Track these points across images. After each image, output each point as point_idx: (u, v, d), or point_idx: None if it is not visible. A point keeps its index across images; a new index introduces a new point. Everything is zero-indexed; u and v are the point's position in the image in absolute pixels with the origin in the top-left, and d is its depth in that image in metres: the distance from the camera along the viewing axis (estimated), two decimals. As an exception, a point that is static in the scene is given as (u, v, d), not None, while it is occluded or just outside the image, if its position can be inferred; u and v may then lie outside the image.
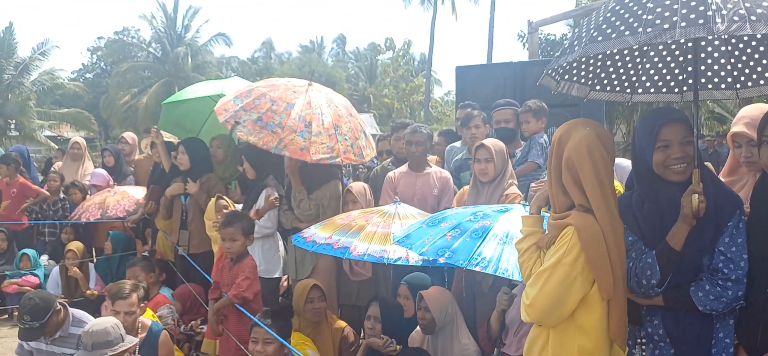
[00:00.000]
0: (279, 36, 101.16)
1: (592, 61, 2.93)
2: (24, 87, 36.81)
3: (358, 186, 5.03)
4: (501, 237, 3.02)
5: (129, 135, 8.85)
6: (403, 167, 5.17)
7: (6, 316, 6.85)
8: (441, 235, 3.14)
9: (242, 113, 4.63)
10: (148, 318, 4.53)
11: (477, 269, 2.86)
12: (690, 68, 2.93)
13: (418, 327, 4.11)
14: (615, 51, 2.84)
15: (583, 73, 2.96)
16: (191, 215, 5.80)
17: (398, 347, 3.77)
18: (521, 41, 22.07)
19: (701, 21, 2.05)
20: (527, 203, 3.36)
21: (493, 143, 4.38)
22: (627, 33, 2.17)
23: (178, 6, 41.17)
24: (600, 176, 2.32)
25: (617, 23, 2.23)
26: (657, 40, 2.11)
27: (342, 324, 4.47)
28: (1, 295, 6.92)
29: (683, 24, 2.07)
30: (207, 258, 5.57)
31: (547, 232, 2.51)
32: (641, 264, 2.47)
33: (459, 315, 4.02)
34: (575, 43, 2.40)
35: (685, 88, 2.99)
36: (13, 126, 36.72)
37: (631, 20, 2.19)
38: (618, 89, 3.05)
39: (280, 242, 5.29)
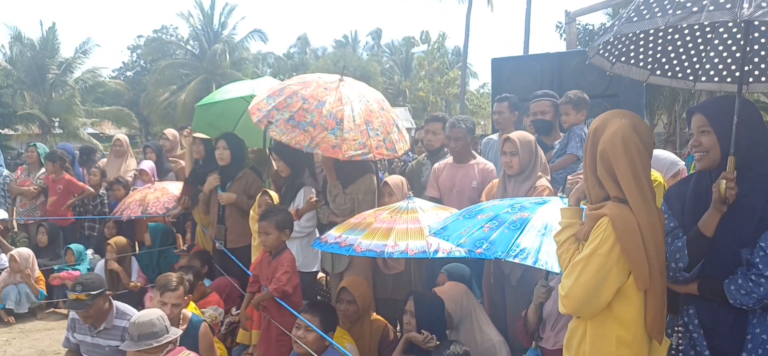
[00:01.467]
0: (314, 31, 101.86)
1: (652, 44, 2.92)
2: (67, 86, 37.90)
3: (394, 179, 5.05)
4: (539, 229, 3.01)
5: (170, 132, 9.05)
6: (449, 158, 5.18)
7: (52, 309, 7.08)
8: (478, 226, 3.15)
9: (275, 112, 4.66)
10: (189, 310, 4.65)
11: (516, 260, 2.86)
12: (755, 59, 2.90)
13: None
14: (676, 36, 2.86)
15: (642, 56, 2.95)
16: (228, 210, 5.92)
17: (437, 342, 3.78)
18: (559, 32, 21.82)
19: (728, 6, 2.09)
20: (565, 196, 3.34)
21: (519, 135, 4.35)
22: (659, 14, 2.24)
23: (214, 3, 41.77)
24: (635, 168, 2.30)
25: (653, 4, 2.29)
26: (685, 22, 2.16)
27: (382, 321, 4.50)
28: (48, 288, 7.14)
29: (711, 7, 2.11)
30: (244, 252, 5.68)
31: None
32: (672, 248, 2.47)
33: (477, 307, 4.03)
34: (615, 23, 2.48)
35: (751, 79, 2.95)
36: (57, 124, 37.87)
37: (665, 2, 2.25)
38: (680, 75, 3.02)
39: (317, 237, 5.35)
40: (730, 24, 2.83)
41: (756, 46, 2.87)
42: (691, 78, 3.02)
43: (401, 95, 46.38)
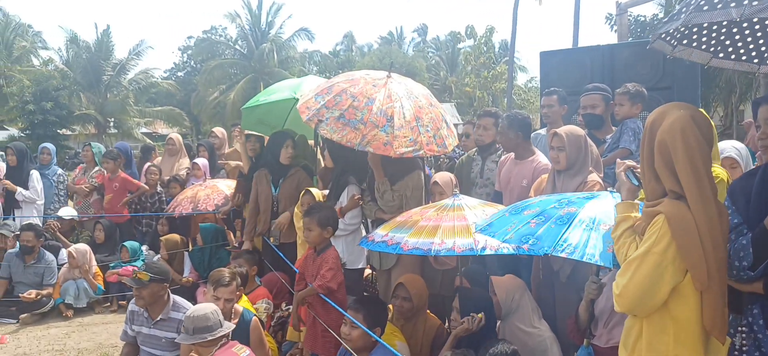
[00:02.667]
0: (359, 28, 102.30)
1: (715, 27, 2.81)
2: (122, 86, 39.11)
3: (443, 177, 5.02)
4: (587, 223, 2.96)
5: (219, 130, 9.26)
6: (513, 153, 5.14)
7: (108, 304, 7.31)
8: (524, 222, 3.11)
9: (324, 110, 4.69)
10: (240, 305, 4.74)
11: (563, 255, 2.82)
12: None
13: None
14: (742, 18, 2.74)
15: (705, 39, 2.85)
16: (282, 206, 6.02)
17: (481, 317, 3.77)
18: (609, 23, 21.27)
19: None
20: (615, 190, 3.27)
21: (567, 130, 4.27)
22: (733, 5, 2.15)
23: (262, 3, 42.40)
24: (694, 161, 2.23)
25: None
26: (761, 14, 2.07)
27: (437, 320, 4.49)
28: (105, 284, 7.36)
29: None
30: (293, 247, 5.76)
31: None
32: (736, 246, 2.38)
33: (529, 302, 3.97)
34: (683, 10, 2.39)
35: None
36: (112, 124, 39.15)
37: None
38: (744, 58, 2.91)
39: (364, 234, 5.37)
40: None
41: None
42: (755, 61, 2.89)
43: (447, 90, 46.15)
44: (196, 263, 7.24)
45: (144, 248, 7.95)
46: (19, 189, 7.96)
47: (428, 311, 4.53)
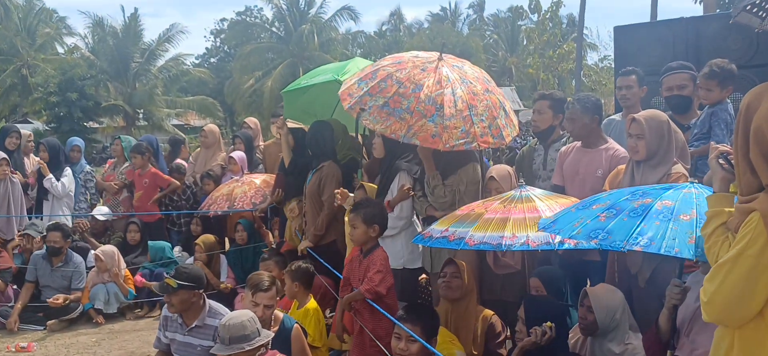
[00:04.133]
0: (408, 5, 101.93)
1: None
2: (151, 74, 40.12)
3: (500, 171, 4.99)
4: (664, 214, 2.93)
5: (252, 120, 9.39)
6: (579, 142, 5.07)
7: (140, 309, 7.52)
8: (593, 217, 3.09)
9: (368, 98, 4.70)
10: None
11: (638, 248, 2.79)
12: None
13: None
14: None
15: None
16: (308, 204, 6.11)
17: (550, 324, 3.70)
18: (693, -7, 20.66)
19: None
20: (697, 181, 3.20)
21: (647, 115, 4.17)
22: None
23: (300, -19, 42.74)
24: (795, 150, 2.14)
25: None
26: None
27: (488, 312, 4.47)
28: (137, 288, 7.56)
29: None
30: (331, 249, 5.84)
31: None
32: None
33: (628, 318, 3.86)
34: None
35: None
36: (141, 116, 40.22)
37: None
38: None
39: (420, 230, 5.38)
40: None
41: None
42: None
43: (506, 73, 45.72)
44: (233, 264, 7.39)
45: (176, 249, 8.13)
46: (50, 175, 8.18)
47: (485, 310, 4.53)
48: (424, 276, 5.80)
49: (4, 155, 7.87)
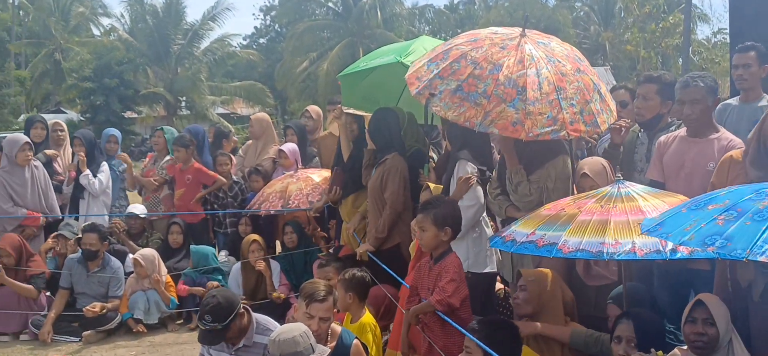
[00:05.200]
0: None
1: None
2: (194, 58, 41.04)
3: (594, 164, 4.90)
4: (799, 216, 2.80)
5: (313, 109, 9.46)
6: (682, 130, 4.94)
7: (182, 321, 7.71)
8: (709, 219, 2.98)
9: (438, 81, 4.68)
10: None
11: (762, 259, 2.68)
12: None
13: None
14: None
15: None
16: (369, 203, 6.14)
17: (660, 353, 3.61)
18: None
19: None
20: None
21: None
22: None
23: (360, -52, 42.93)
24: None
25: None
26: None
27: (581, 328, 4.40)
28: (179, 296, 7.72)
29: None
30: (394, 254, 5.85)
31: None
32: None
33: (735, 335, 3.77)
34: None
35: None
36: (183, 104, 41.20)
37: None
38: None
39: (489, 230, 5.35)
40: None
41: None
42: None
43: (600, 50, 44.83)
44: (285, 270, 7.49)
45: (222, 253, 8.26)
46: (87, 171, 8.42)
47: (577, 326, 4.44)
48: (500, 285, 5.76)
49: (27, 139, 8.09)
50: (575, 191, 4.80)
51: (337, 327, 4.74)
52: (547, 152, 4.86)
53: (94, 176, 8.50)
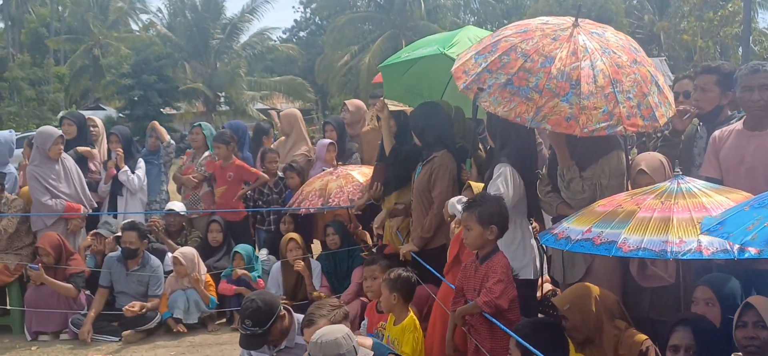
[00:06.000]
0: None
1: None
2: (233, 52, 41.51)
3: (651, 160, 4.82)
4: None
5: (351, 103, 9.47)
6: (738, 124, 4.84)
7: (224, 320, 7.80)
8: (775, 218, 2.92)
9: (486, 75, 4.62)
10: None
11: None
12: None
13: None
14: None
15: None
16: (414, 202, 6.13)
17: None
18: None
19: None
20: None
21: None
22: None
23: (402, -62, 42.90)
24: None
25: None
26: None
27: (640, 336, 4.31)
28: (219, 295, 7.83)
29: None
30: (440, 254, 5.81)
31: None
32: None
33: None
34: None
35: None
36: (222, 99, 41.67)
37: None
38: None
39: (529, 232, 5.30)
40: None
41: None
42: None
43: (654, 40, 44.17)
44: (327, 271, 7.51)
45: (263, 252, 8.32)
46: (126, 168, 8.56)
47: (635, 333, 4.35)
48: (549, 286, 5.70)
49: (61, 132, 8.22)
50: (630, 188, 4.73)
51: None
52: (600, 148, 4.79)
53: (132, 172, 8.62)
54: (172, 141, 9.25)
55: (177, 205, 8.69)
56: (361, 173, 7.68)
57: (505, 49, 4.69)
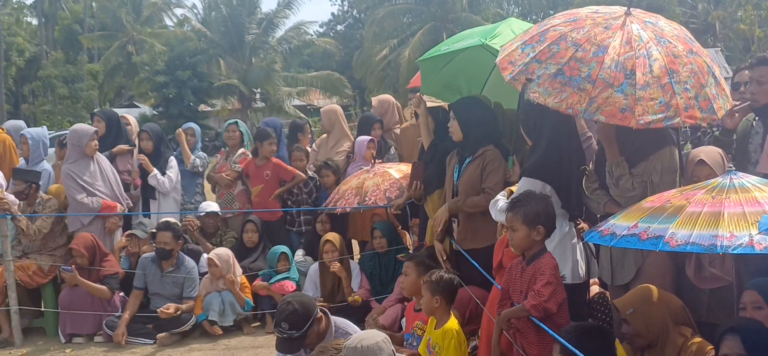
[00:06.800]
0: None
1: None
2: (269, 47, 41.78)
3: (711, 153, 4.75)
4: None
5: (376, 99, 9.50)
6: None
7: (258, 323, 7.84)
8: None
9: (535, 65, 4.60)
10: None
11: None
12: None
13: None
14: None
15: None
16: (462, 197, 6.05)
17: None
18: None
19: None
20: None
21: None
22: None
23: (443, -75, 42.77)
24: None
25: None
26: None
27: (708, 346, 4.23)
28: (255, 297, 7.86)
29: None
30: (487, 255, 5.75)
31: None
32: None
33: None
34: None
35: None
36: (258, 95, 41.97)
37: None
38: None
39: (570, 233, 5.24)
40: None
41: None
42: None
43: (709, 30, 43.51)
44: (369, 272, 7.52)
45: (298, 253, 8.34)
46: (155, 171, 8.60)
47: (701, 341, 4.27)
48: (597, 288, 5.64)
49: (95, 129, 8.29)
50: (684, 184, 4.66)
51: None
52: (652, 143, 4.73)
53: (163, 173, 8.67)
54: (198, 157, 9.23)
55: (213, 205, 8.73)
56: (399, 171, 7.68)
57: (555, 39, 4.65)
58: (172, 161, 8.84)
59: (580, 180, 5.19)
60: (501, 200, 5.31)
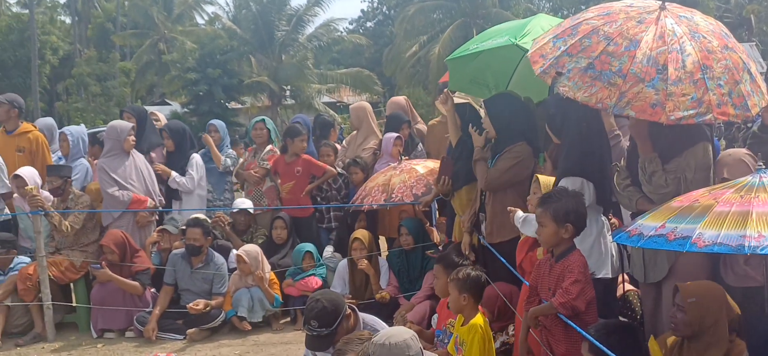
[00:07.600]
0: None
1: None
2: (299, 44, 41.90)
3: (737, 155, 4.68)
4: None
5: (394, 100, 9.51)
6: None
7: (288, 319, 7.87)
8: None
9: (566, 59, 4.59)
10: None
11: None
12: None
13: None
14: None
15: None
16: (489, 195, 6.08)
17: None
18: None
19: None
20: None
21: None
22: None
23: None
24: None
25: None
26: None
27: (741, 343, 4.17)
28: (284, 294, 7.89)
29: None
30: (511, 248, 5.77)
31: None
32: None
33: None
34: None
35: None
36: (288, 93, 42.13)
37: None
38: None
39: (606, 228, 5.21)
40: None
41: None
42: None
43: (744, 24, 42.88)
44: (397, 269, 7.51)
45: (328, 249, 8.35)
46: (173, 174, 8.65)
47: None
48: (629, 287, 5.59)
49: (132, 124, 8.37)
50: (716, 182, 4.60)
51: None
52: (685, 138, 4.67)
53: (182, 171, 8.69)
54: (229, 157, 9.26)
55: (245, 202, 8.74)
56: (424, 167, 7.69)
57: (587, 32, 4.65)
58: (194, 159, 8.82)
59: (612, 176, 5.16)
60: (519, 212, 5.31)
